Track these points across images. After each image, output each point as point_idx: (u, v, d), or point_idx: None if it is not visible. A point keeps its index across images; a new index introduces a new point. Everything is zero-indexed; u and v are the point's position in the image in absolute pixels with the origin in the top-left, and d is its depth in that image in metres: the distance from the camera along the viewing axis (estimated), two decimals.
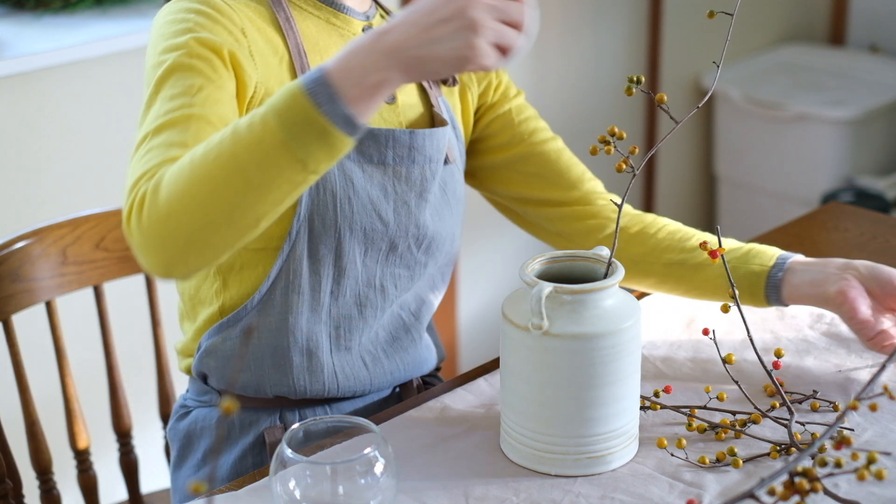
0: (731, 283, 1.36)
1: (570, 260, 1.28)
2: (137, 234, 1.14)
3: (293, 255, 1.34)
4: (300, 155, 1.10)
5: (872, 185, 3.12)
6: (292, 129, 1.09)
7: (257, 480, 1.25)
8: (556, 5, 2.96)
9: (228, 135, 1.12)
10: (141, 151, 1.19)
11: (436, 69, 1.11)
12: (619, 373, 1.21)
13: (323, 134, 1.09)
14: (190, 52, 1.25)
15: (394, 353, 1.45)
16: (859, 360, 1.44)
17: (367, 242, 1.37)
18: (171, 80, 1.24)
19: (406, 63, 1.10)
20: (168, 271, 1.15)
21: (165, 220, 1.12)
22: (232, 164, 1.11)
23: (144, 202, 1.14)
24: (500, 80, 1.53)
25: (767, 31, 3.48)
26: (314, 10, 1.38)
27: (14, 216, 2.12)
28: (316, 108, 1.09)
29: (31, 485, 1.69)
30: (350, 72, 1.10)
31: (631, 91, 1.26)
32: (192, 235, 1.12)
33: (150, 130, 1.21)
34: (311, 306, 1.37)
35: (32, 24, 2.21)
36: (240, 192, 1.11)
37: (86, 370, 2.05)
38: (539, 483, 1.23)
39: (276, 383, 1.39)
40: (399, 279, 1.42)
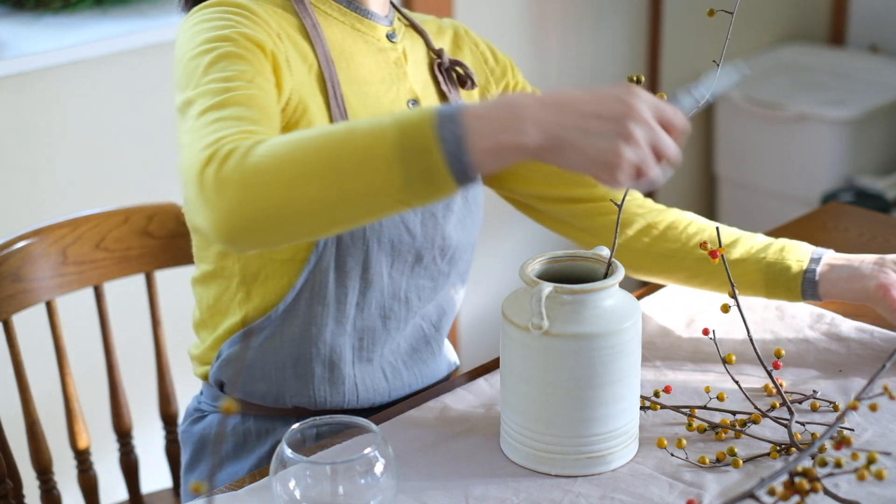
0: (731, 283, 1.36)
1: (570, 260, 1.28)
2: (213, 183, 1.09)
3: (319, 266, 1.33)
4: (400, 180, 1.05)
5: (872, 185, 3.12)
6: (405, 152, 1.05)
7: (257, 480, 1.25)
8: (556, 5, 2.96)
9: (342, 129, 1.08)
10: (205, 119, 1.15)
11: (572, 159, 1.07)
12: (619, 373, 1.21)
13: (432, 169, 1.05)
14: (237, 43, 1.23)
15: (413, 364, 1.45)
16: (859, 360, 1.44)
17: (394, 255, 1.36)
18: (223, 63, 1.21)
19: (548, 139, 1.06)
20: (225, 231, 1.09)
21: (247, 183, 1.08)
22: (332, 159, 1.07)
23: (230, 158, 1.09)
24: (516, 80, 1.53)
25: (767, 31, 3.48)
26: (340, 15, 1.37)
27: (14, 216, 2.12)
28: (438, 141, 1.04)
29: (32, 485, 1.69)
30: (487, 122, 1.05)
31: None
32: (265, 209, 1.08)
33: (213, 104, 1.17)
34: (336, 318, 1.36)
35: (32, 24, 2.21)
36: (328, 188, 1.06)
37: (86, 370, 2.05)
38: (539, 483, 1.23)
39: (297, 394, 1.39)
40: (423, 290, 1.42)
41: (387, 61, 1.39)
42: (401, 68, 1.40)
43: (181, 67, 1.24)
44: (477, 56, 1.51)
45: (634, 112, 1.07)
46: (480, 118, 1.05)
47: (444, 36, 1.50)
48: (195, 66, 1.22)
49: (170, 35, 2.22)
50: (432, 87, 1.44)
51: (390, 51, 1.40)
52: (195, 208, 1.12)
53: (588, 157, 1.06)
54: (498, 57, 1.53)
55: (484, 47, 1.52)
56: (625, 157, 1.06)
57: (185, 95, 1.21)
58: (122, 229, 1.70)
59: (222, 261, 1.37)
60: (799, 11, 3.53)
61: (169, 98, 2.26)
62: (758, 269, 1.46)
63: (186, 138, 1.16)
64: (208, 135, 1.14)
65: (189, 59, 1.24)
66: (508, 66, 1.53)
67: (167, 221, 1.73)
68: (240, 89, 1.19)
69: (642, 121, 1.07)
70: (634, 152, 1.06)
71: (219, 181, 1.09)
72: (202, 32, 1.25)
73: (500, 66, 1.52)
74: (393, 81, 1.39)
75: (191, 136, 1.16)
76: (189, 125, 1.17)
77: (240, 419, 1.42)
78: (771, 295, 1.47)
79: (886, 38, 3.43)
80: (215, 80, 1.20)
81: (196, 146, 1.13)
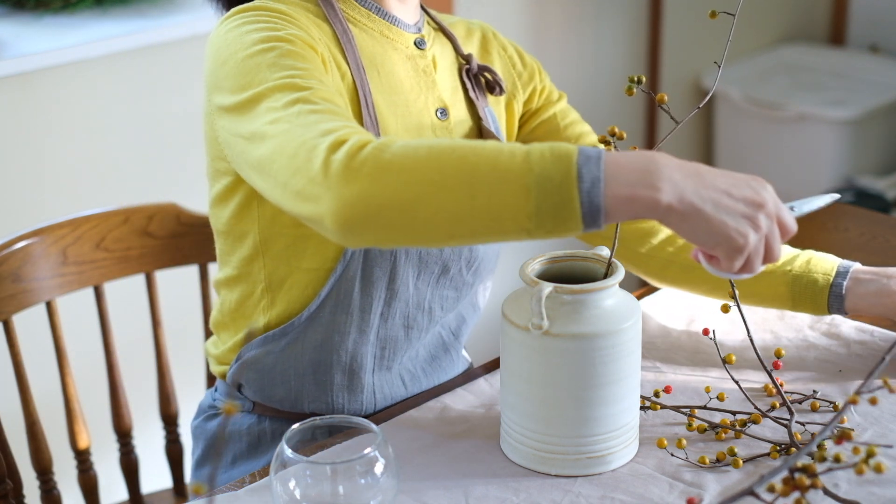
0: (731, 283, 1.36)
1: (570, 260, 1.28)
2: (343, 170, 1.08)
3: (346, 275, 1.32)
4: (532, 208, 1.06)
5: (872, 185, 3.12)
6: (543, 182, 1.05)
7: (257, 480, 1.25)
8: (556, 5, 2.96)
9: (482, 145, 1.08)
10: (298, 109, 1.15)
11: (699, 229, 1.08)
12: (619, 373, 1.21)
13: (565, 205, 1.05)
14: (295, 43, 1.23)
15: (432, 371, 1.45)
16: (859, 360, 1.44)
17: (420, 266, 1.36)
18: (290, 60, 1.21)
19: (681, 203, 1.07)
20: (345, 220, 1.08)
21: (381, 176, 1.07)
22: (470, 172, 1.06)
23: (363, 149, 1.08)
24: (543, 84, 1.52)
25: (767, 31, 3.48)
26: (369, 22, 1.37)
27: (14, 216, 2.12)
28: (577, 179, 1.05)
29: (32, 485, 1.69)
30: (626, 172, 1.07)
31: (631, 91, 1.26)
32: (392, 206, 1.07)
33: (300, 97, 1.16)
34: (360, 327, 1.35)
35: (32, 24, 2.21)
36: (459, 200, 1.06)
37: (86, 370, 2.05)
38: (539, 483, 1.23)
39: (315, 400, 1.38)
40: (446, 300, 1.41)
41: (416, 69, 1.39)
42: (430, 76, 1.40)
43: (233, 66, 1.23)
44: (505, 60, 1.50)
45: (767, 204, 1.10)
46: (620, 167, 1.07)
47: (472, 39, 1.49)
48: (256, 64, 1.21)
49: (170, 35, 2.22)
50: (461, 93, 1.43)
51: (419, 58, 1.39)
52: (310, 193, 1.10)
53: (715, 231, 1.08)
54: (525, 61, 1.52)
55: (512, 51, 1.51)
56: (750, 242, 1.09)
57: (252, 91, 1.20)
58: (122, 229, 1.70)
59: (248, 266, 1.36)
60: (799, 11, 3.53)
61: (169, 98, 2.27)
62: (784, 283, 1.45)
63: (278, 127, 1.15)
64: (318, 122, 1.13)
65: (245, 57, 1.22)
66: (536, 70, 1.52)
67: (167, 221, 1.73)
68: (319, 86, 1.19)
69: (771, 215, 1.10)
70: (757, 241, 1.10)
71: (350, 169, 1.08)
72: (252, 33, 1.24)
73: (527, 70, 1.51)
74: (422, 90, 1.38)
75: (287, 125, 1.14)
76: (276, 115, 1.16)
77: (255, 419, 1.41)
78: (797, 308, 1.46)
79: (886, 38, 3.43)
80: (289, 76, 1.19)
81: (307, 133, 1.12)
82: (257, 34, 1.24)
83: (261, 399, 1.41)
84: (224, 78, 1.23)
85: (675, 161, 1.09)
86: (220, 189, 1.35)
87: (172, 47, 2.26)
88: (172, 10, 2.29)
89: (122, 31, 2.18)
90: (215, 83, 1.25)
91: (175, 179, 2.31)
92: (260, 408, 1.42)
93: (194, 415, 1.51)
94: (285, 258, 1.34)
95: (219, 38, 1.27)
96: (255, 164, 1.18)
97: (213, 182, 1.37)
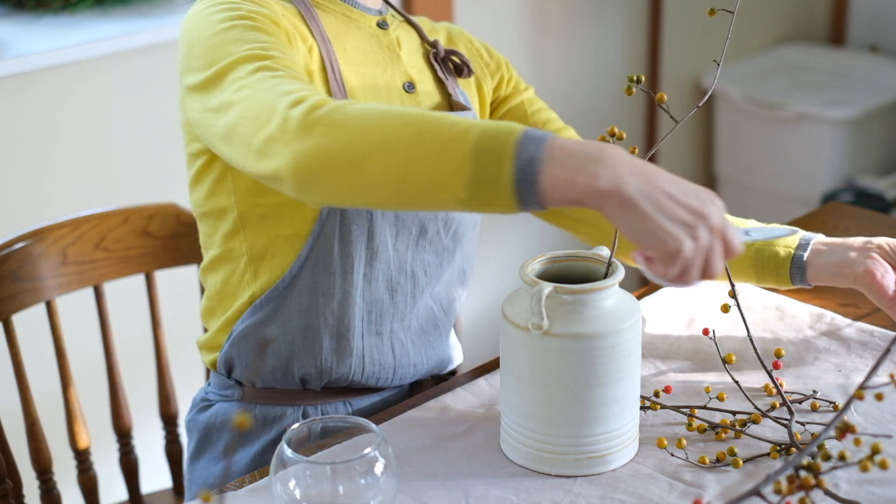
0: (731, 283, 1.36)
1: (570, 260, 1.28)
2: (301, 123, 1.12)
3: (323, 235, 1.35)
4: (466, 178, 1.07)
5: (872, 185, 3.12)
6: (480, 154, 1.07)
7: (257, 480, 1.25)
8: (556, 5, 2.96)
9: (432, 115, 1.10)
10: (262, 76, 1.19)
11: (635, 225, 1.06)
12: (619, 373, 1.21)
13: (498, 178, 1.06)
14: (257, 20, 1.28)
15: (421, 345, 1.46)
16: (859, 360, 1.44)
17: (398, 224, 1.38)
18: (254, 34, 1.26)
19: (619, 193, 1.05)
20: (300, 170, 1.12)
21: (335, 131, 1.11)
22: (416, 139, 1.09)
23: (321, 107, 1.13)
24: (510, 74, 1.56)
25: (767, 31, 3.48)
26: (329, 4, 1.41)
27: (14, 216, 2.12)
28: (514, 156, 1.06)
29: (32, 485, 1.69)
30: (569, 156, 1.06)
31: (631, 91, 1.26)
32: (343, 160, 1.11)
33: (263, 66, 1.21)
34: (343, 288, 1.37)
35: (32, 24, 2.21)
36: (401, 164, 1.09)
37: (86, 370, 2.05)
38: (539, 483, 1.23)
39: (304, 364, 1.40)
40: (428, 266, 1.43)
41: (380, 46, 1.43)
42: (394, 52, 1.44)
43: (201, 45, 1.27)
44: (472, 52, 1.54)
45: (710, 217, 1.08)
46: (565, 151, 1.06)
47: (439, 34, 1.54)
48: (222, 41, 1.26)
49: (170, 35, 2.22)
50: (428, 73, 1.46)
51: (382, 37, 1.44)
52: (270, 150, 1.14)
53: (651, 230, 1.06)
54: (492, 53, 1.56)
55: (479, 45, 1.56)
56: (685, 251, 1.07)
57: (218, 66, 1.24)
58: (122, 229, 1.70)
59: (230, 242, 1.39)
60: (799, 11, 3.53)
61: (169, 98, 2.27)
62: (746, 256, 1.46)
63: (242, 94, 1.20)
64: (279, 85, 1.18)
65: (211, 35, 1.27)
66: (503, 62, 1.56)
67: (167, 221, 1.73)
68: (281, 56, 1.23)
69: (714, 229, 1.08)
70: (693, 252, 1.07)
71: (304, 125, 1.12)
72: (218, 13, 1.29)
73: (494, 60, 1.55)
74: (388, 64, 1.42)
75: (250, 90, 1.19)
76: (240, 84, 1.21)
77: (245, 407, 1.43)
78: (761, 281, 1.47)
79: (886, 38, 3.43)
80: (253, 49, 1.24)
81: (268, 94, 1.17)
82: (221, 14, 1.29)
83: (255, 374, 1.42)
84: (192, 58, 1.28)
85: (627, 156, 1.08)
86: (196, 170, 1.39)
87: (172, 47, 2.26)
88: (172, 10, 2.29)
89: (122, 31, 2.18)
90: (186, 65, 1.30)
91: (175, 179, 2.31)
92: (249, 394, 1.43)
93: (188, 410, 1.51)
94: (264, 227, 1.36)
95: (188, 24, 1.32)
96: (221, 133, 1.22)
97: (188, 167, 1.41)
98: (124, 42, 2.18)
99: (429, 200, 1.11)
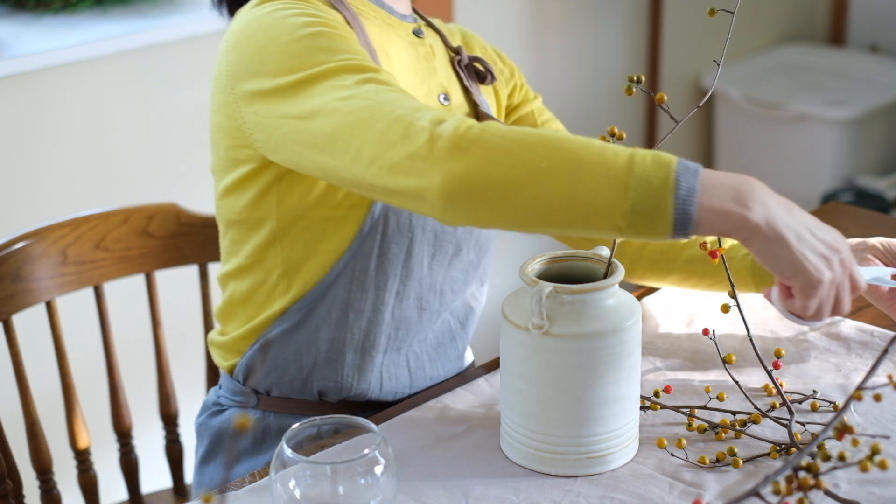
0: (730, 283, 1.36)
1: (570, 260, 1.28)
2: (451, 144, 1.11)
3: (362, 251, 1.33)
4: (627, 207, 1.09)
5: (872, 185, 3.12)
6: (641, 184, 1.08)
7: (257, 480, 1.25)
8: (556, 5, 2.96)
9: (582, 142, 1.11)
10: (373, 88, 1.17)
11: (780, 256, 1.11)
12: (619, 373, 1.21)
13: (659, 208, 1.08)
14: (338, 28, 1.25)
15: (437, 358, 1.46)
16: (859, 360, 1.44)
17: (436, 245, 1.37)
18: (345, 45, 1.23)
19: (768, 226, 1.10)
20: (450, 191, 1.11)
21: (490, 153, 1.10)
22: (575, 165, 1.09)
23: (472, 128, 1.11)
24: (521, 81, 1.55)
25: (767, 31, 3.48)
26: (371, 11, 1.38)
27: (14, 216, 2.13)
28: (674, 186, 1.08)
29: (32, 485, 1.69)
30: (721, 187, 1.10)
31: (631, 91, 1.26)
32: (498, 184, 1.10)
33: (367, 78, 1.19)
34: (375, 305, 1.36)
35: (32, 24, 2.21)
36: (560, 189, 1.09)
37: (86, 370, 2.05)
38: (539, 483, 1.23)
39: (324, 378, 1.39)
40: (455, 282, 1.43)
41: (418, 56, 1.41)
42: (430, 62, 1.42)
43: (276, 50, 1.23)
44: (487, 57, 1.53)
45: (843, 251, 1.14)
46: (715, 181, 1.10)
47: (454, 37, 1.52)
48: (307, 47, 1.22)
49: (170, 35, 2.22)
50: (456, 82, 1.45)
51: (419, 45, 1.42)
52: (411, 167, 1.12)
53: (795, 261, 1.11)
54: (505, 59, 1.56)
55: (491, 51, 1.55)
56: (825, 283, 1.13)
57: (308, 73, 1.21)
58: (122, 229, 1.70)
59: (263, 253, 1.36)
60: (799, 11, 3.53)
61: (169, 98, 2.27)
62: (743, 267, 1.46)
63: (351, 104, 1.17)
64: (401, 100, 1.16)
65: (291, 40, 1.23)
66: (515, 70, 1.56)
67: (167, 221, 1.73)
68: (382, 69, 1.21)
69: (845, 264, 1.14)
70: (831, 286, 1.13)
71: (458, 147, 1.11)
72: (292, 17, 1.25)
73: (507, 67, 1.55)
74: (426, 76, 1.41)
75: (365, 101, 1.17)
76: (346, 93, 1.18)
77: (260, 415, 1.42)
78: (760, 289, 1.47)
79: (886, 38, 3.43)
80: (350, 59, 1.21)
81: (397, 109, 1.15)
82: (299, 18, 1.25)
83: (271, 384, 1.41)
84: (263, 63, 1.24)
85: (768, 189, 1.12)
86: (236, 178, 1.35)
87: (172, 47, 2.26)
88: (172, 10, 2.29)
89: (122, 31, 2.18)
90: (248, 69, 1.25)
91: (175, 179, 2.31)
92: (265, 402, 1.42)
93: (198, 412, 1.51)
94: (303, 241, 1.34)
95: (250, 26, 1.27)
96: (315, 140, 1.19)
97: (225, 173, 1.36)
98: (124, 42, 2.18)
99: (582, 226, 1.11)
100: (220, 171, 1.37)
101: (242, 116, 1.27)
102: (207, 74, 2.30)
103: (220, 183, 1.38)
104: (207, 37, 2.27)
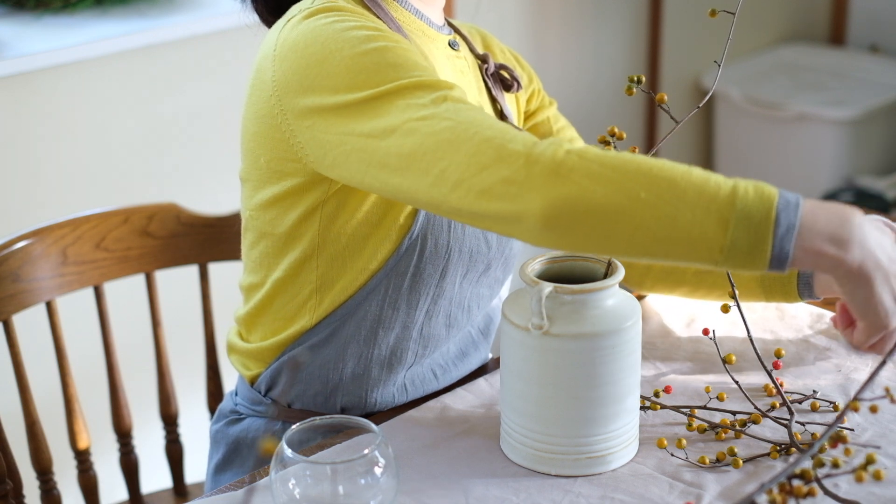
0: (731, 283, 1.36)
1: (570, 260, 1.28)
2: (552, 166, 1.09)
3: (396, 270, 1.32)
4: (726, 241, 1.08)
5: (872, 185, 3.12)
6: (742, 219, 1.07)
7: (257, 480, 1.25)
8: (556, 5, 2.96)
9: (691, 171, 1.10)
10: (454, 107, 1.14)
11: (860, 295, 1.12)
12: (619, 373, 1.21)
13: (758, 245, 1.08)
14: (402, 42, 1.22)
15: (461, 363, 1.45)
16: (859, 360, 1.44)
17: (469, 264, 1.35)
18: (414, 59, 1.20)
19: (862, 271, 1.10)
20: (553, 214, 1.09)
21: (594, 178, 1.08)
22: (677, 195, 1.08)
23: (571, 152, 1.10)
24: (539, 87, 1.53)
25: (767, 31, 3.48)
26: (411, 23, 1.35)
27: (14, 216, 2.12)
28: (774, 223, 1.08)
29: (32, 485, 1.69)
30: (821, 225, 1.09)
31: (631, 91, 1.26)
32: (600, 209, 1.09)
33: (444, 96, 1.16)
34: (404, 323, 1.35)
35: (32, 24, 2.21)
36: (660, 219, 1.08)
37: (86, 370, 2.05)
38: (539, 483, 1.23)
39: (348, 394, 1.37)
40: (482, 299, 1.42)
41: (455, 70, 1.38)
42: (466, 76, 1.39)
43: (338, 64, 1.20)
44: (507, 61, 1.50)
45: None
46: (817, 217, 1.09)
47: (476, 41, 1.49)
48: (374, 62, 1.19)
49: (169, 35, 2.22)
50: (484, 92, 1.42)
51: (456, 59, 1.39)
52: (505, 192, 1.10)
53: (871, 304, 1.12)
54: (523, 65, 1.53)
55: (509, 54, 1.52)
56: (892, 325, 1.14)
57: (378, 89, 1.17)
58: (122, 229, 1.70)
59: (297, 268, 1.33)
60: (799, 11, 3.53)
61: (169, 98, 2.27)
62: (752, 277, 1.46)
63: (435, 124, 1.14)
64: (487, 121, 1.13)
65: (355, 55, 1.20)
66: (534, 75, 1.53)
67: (167, 221, 1.73)
68: (456, 86, 1.19)
69: None
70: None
71: (557, 173, 1.09)
72: (351, 30, 1.21)
73: (525, 72, 1.52)
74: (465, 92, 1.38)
75: (447, 121, 1.14)
76: (424, 112, 1.15)
77: (280, 425, 1.39)
78: (769, 299, 1.47)
79: (886, 38, 3.43)
80: (421, 75, 1.18)
81: (485, 130, 1.12)
82: (359, 32, 1.21)
83: (294, 397, 1.39)
84: (322, 77, 1.20)
85: (868, 225, 1.11)
86: (280, 191, 1.30)
87: (172, 47, 2.26)
88: (172, 10, 2.29)
89: (122, 31, 2.18)
90: (303, 83, 1.21)
91: (175, 179, 2.31)
92: (285, 413, 1.40)
93: (213, 419, 1.48)
94: (341, 259, 1.32)
95: (305, 38, 1.23)
96: (389, 161, 1.16)
97: (264, 184, 1.32)
98: (124, 42, 2.18)
99: (680, 256, 1.10)
100: (257, 181, 1.32)
101: (293, 130, 1.24)
102: (207, 74, 2.31)
103: (255, 193, 1.33)
104: (208, 37, 2.27)
